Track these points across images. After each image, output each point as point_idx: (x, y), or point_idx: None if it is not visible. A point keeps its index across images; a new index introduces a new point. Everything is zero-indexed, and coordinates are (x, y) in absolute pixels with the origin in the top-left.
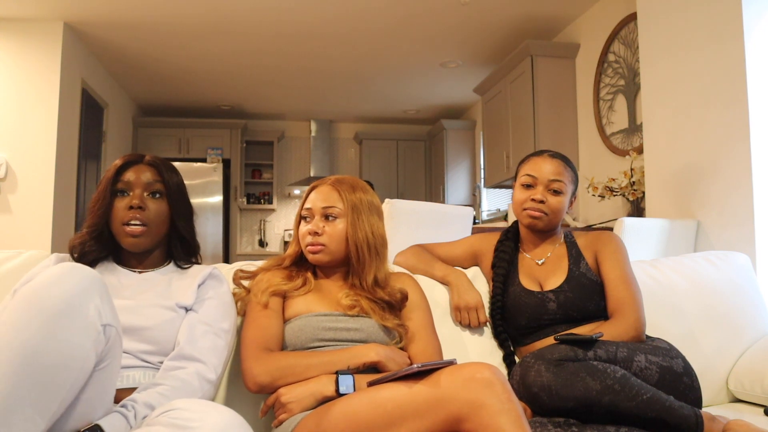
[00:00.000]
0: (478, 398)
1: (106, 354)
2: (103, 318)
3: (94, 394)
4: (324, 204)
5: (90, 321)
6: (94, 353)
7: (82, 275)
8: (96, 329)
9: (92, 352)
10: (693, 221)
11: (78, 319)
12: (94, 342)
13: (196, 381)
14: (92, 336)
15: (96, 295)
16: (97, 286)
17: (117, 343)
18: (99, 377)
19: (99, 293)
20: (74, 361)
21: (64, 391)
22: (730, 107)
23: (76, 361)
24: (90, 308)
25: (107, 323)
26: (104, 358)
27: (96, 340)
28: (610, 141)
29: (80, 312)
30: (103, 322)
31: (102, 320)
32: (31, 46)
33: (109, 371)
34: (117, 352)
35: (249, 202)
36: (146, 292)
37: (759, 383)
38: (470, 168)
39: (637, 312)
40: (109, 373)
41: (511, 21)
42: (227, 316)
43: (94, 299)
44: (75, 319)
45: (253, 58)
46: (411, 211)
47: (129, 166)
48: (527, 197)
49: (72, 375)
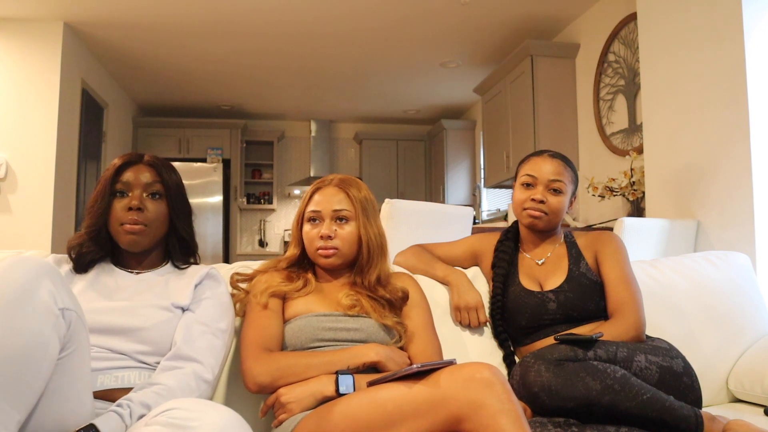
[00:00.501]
0: (477, 398)
1: (69, 339)
2: (58, 302)
3: (66, 383)
4: (335, 206)
5: (45, 306)
6: (56, 338)
7: (30, 263)
8: (53, 313)
9: (54, 337)
10: (693, 221)
11: (32, 305)
12: (54, 327)
13: (192, 381)
14: (50, 320)
15: (47, 279)
16: (47, 272)
17: (80, 329)
18: (67, 364)
19: (50, 278)
20: (36, 348)
21: (33, 379)
22: (730, 107)
23: (38, 348)
24: (42, 293)
25: (65, 307)
26: (68, 344)
27: (55, 325)
28: (610, 141)
29: (33, 298)
30: (60, 306)
31: (58, 304)
32: (31, 46)
33: (77, 358)
34: (82, 338)
35: (249, 202)
36: (143, 293)
37: (759, 383)
38: (470, 168)
39: (637, 312)
40: (78, 359)
41: (511, 21)
42: (225, 316)
43: (46, 284)
44: (29, 305)
45: (253, 58)
46: (411, 211)
47: (128, 167)
48: (527, 197)
49: (37, 362)
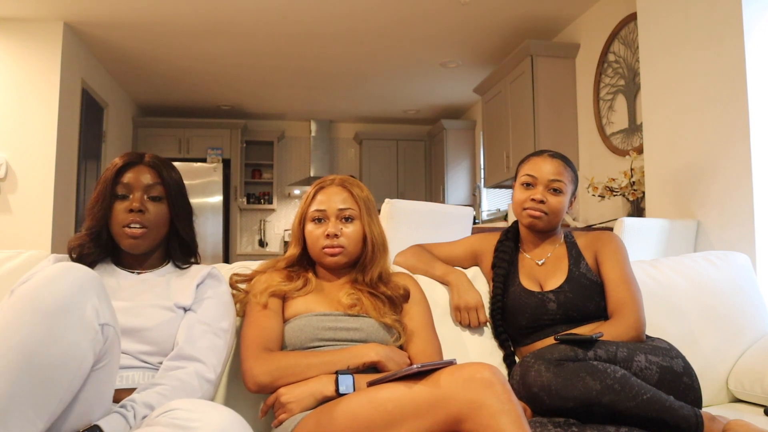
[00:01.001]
0: (478, 398)
1: (104, 354)
2: (100, 317)
3: (92, 394)
4: (340, 205)
5: (87, 320)
6: (92, 353)
7: (79, 274)
8: (94, 328)
9: (90, 351)
10: (693, 221)
11: (75, 318)
12: (92, 341)
13: (195, 381)
14: (90, 335)
15: (93, 294)
16: (94, 285)
17: (115, 343)
18: (97, 377)
19: (96, 292)
20: (72, 360)
21: (62, 390)
22: (730, 107)
23: (74, 360)
24: (87, 307)
25: (105, 323)
26: (102, 358)
27: (94, 340)
28: (610, 141)
29: (77, 311)
30: (101, 322)
31: (100, 320)
32: (31, 46)
33: (107, 371)
34: (115, 352)
35: (249, 202)
36: (145, 293)
37: (759, 383)
38: (470, 168)
39: (637, 312)
40: (107, 373)
41: (511, 21)
42: (226, 316)
43: (92, 298)
44: (72, 318)
45: (253, 58)
46: (411, 211)
47: (128, 168)
48: (527, 197)
49: (70, 374)
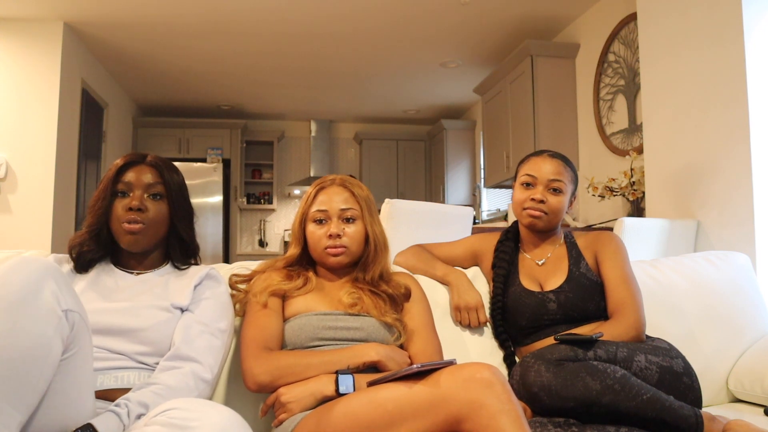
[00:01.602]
0: (477, 398)
1: (72, 341)
2: (62, 303)
3: (69, 384)
4: (342, 206)
5: (48, 307)
6: (59, 340)
7: (34, 265)
8: (56, 315)
9: (56, 338)
10: (693, 221)
11: (36, 306)
12: (56, 328)
13: (191, 380)
14: (53, 322)
15: (51, 281)
16: (51, 273)
17: (83, 330)
18: (70, 365)
19: (54, 279)
20: (39, 349)
21: (35, 380)
22: (730, 107)
23: (40, 349)
24: (46, 294)
25: (68, 308)
26: (71, 346)
27: (58, 326)
28: (610, 141)
29: (37, 300)
30: (63, 308)
31: (61, 306)
32: (31, 46)
33: (80, 359)
34: (85, 340)
35: (249, 202)
36: (143, 294)
37: (759, 383)
38: (470, 168)
39: (637, 312)
40: (81, 361)
41: (511, 21)
42: (224, 316)
43: (50, 285)
44: (32, 306)
45: (253, 58)
46: (411, 211)
47: (130, 167)
48: (527, 197)
49: (39, 363)
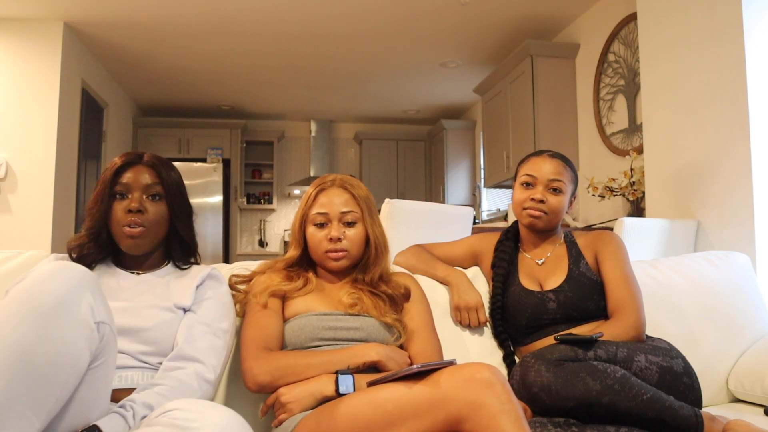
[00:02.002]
0: (477, 398)
1: (100, 352)
2: (96, 315)
3: (89, 393)
4: (343, 208)
5: (83, 318)
6: (88, 351)
7: (74, 273)
8: (89, 327)
9: (86, 350)
10: (693, 221)
11: (70, 316)
12: (88, 340)
13: (194, 381)
14: (85, 333)
15: (88, 292)
16: (89, 284)
17: (111, 342)
18: (93, 376)
19: (91, 291)
20: (68, 358)
21: (59, 389)
22: (730, 107)
23: (69, 358)
24: (82, 305)
25: (100, 321)
26: (98, 357)
27: (89, 338)
28: (610, 141)
29: (72, 309)
30: (96, 320)
31: (95, 318)
32: (31, 46)
33: (103, 370)
34: (111, 351)
35: (249, 202)
36: (144, 294)
37: (759, 383)
38: (470, 168)
39: (637, 312)
40: (104, 371)
41: (511, 21)
42: (226, 316)
43: (87, 296)
44: (67, 316)
45: (253, 58)
46: (411, 211)
47: (127, 168)
48: (527, 197)
49: (66, 373)
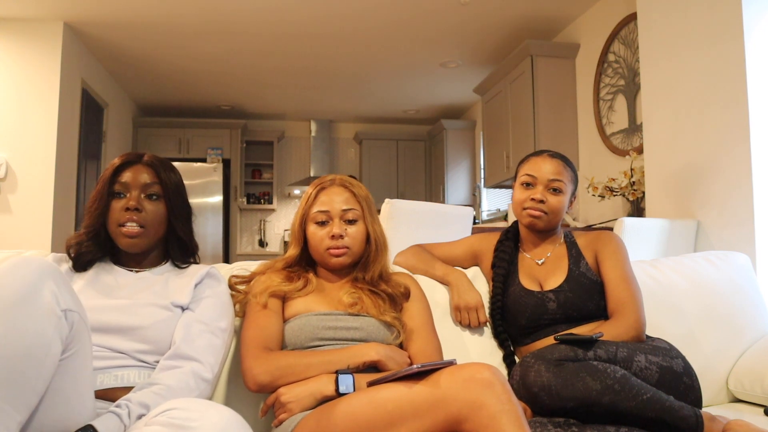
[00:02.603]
0: (478, 399)
1: (71, 341)
2: (61, 303)
3: (68, 384)
4: (344, 206)
5: (48, 307)
6: (58, 339)
7: (34, 265)
8: (55, 314)
9: (56, 338)
10: (693, 221)
11: (35, 306)
12: (56, 328)
13: (192, 380)
14: (53, 322)
15: (50, 281)
16: (51, 273)
17: (82, 330)
18: (70, 365)
19: (54, 280)
20: (38, 349)
21: (34, 380)
22: (730, 107)
23: (40, 348)
24: (45, 294)
25: (67, 308)
26: (70, 345)
27: (57, 326)
28: (610, 141)
29: (36, 299)
30: (63, 308)
31: (60, 305)
32: (31, 46)
33: (80, 359)
34: (85, 339)
35: (249, 202)
36: (143, 292)
37: (759, 383)
38: (470, 168)
39: (637, 312)
40: (81, 360)
41: (511, 21)
42: (224, 315)
43: (49, 285)
44: (32, 306)
45: (253, 58)
46: (411, 211)
47: (126, 167)
48: (527, 197)
49: (38, 363)
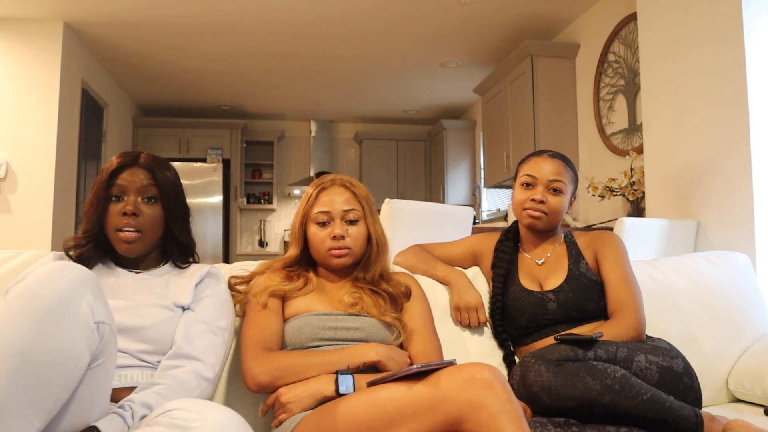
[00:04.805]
0: (477, 399)
1: (100, 352)
2: (95, 315)
3: (89, 393)
4: (345, 207)
5: (82, 318)
6: (87, 351)
7: (73, 273)
8: (89, 327)
9: (86, 349)
10: (693, 221)
11: (70, 316)
12: (87, 339)
13: (193, 380)
14: (85, 333)
15: (88, 292)
16: (89, 284)
17: (111, 341)
18: (93, 375)
19: (91, 291)
20: (68, 358)
21: (59, 389)
22: (730, 107)
23: (69, 359)
24: (82, 305)
25: (100, 321)
26: (98, 356)
27: (89, 338)
28: (610, 141)
29: (72, 309)
30: (96, 320)
31: (95, 318)
32: (31, 46)
33: (103, 370)
34: (111, 351)
35: (249, 202)
36: (143, 292)
37: (759, 383)
38: (470, 168)
39: (637, 312)
40: (104, 371)
41: (511, 21)
42: (225, 315)
43: (86, 296)
44: (67, 316)
45: (253, 58)
46: (411, 211)
47: (123, 169)
48: (527, 197)
49: (66, 373)
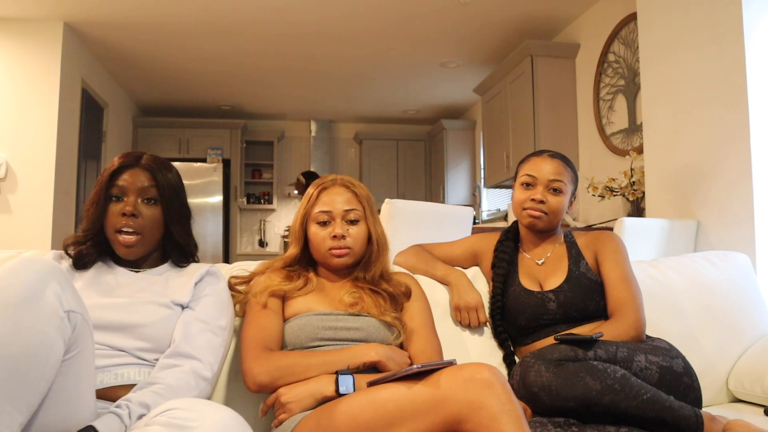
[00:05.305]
0: (477, 399)
1: (74, 342)
2: (64, 304)
3: (70, 384)
4: (345, 207)
5: (51, 308)
6: (61, 340)
7: (38, 264)
8: (58, 316)
9: (58, 339)
10: (693, 221)
11: (38, 306)
12: (59, 329)
13: (191, 379)
14: (55, 323)
15: (54, 281)
16: (54, 274)
17: (85, 331)
18: (71, 366)
19: (57, 280)
20: (41, 349)
21: (36, 381)
22: (730, 107)
23: (42, 349)
24: (49, 295)
25: (70, 309)
26: (73, 346)
27: (60, 327)
28: (610, 141)
29: (39, 300)
30: (66, 309)
31: (64, 306)
32: (31, 46)
33: (82, 360)
34: (87, 340)
35: (249, 202)
36: (143, 290)
37: (759, 383)
38: (470, 168)
39: (637, 312)
40: (83, 361)
41: (511, 21)
42: (224, 314)
43: (52, 286)
44: (35, 307)
45: (253, 58)
46: (411, 211)
47: (124, 170)
48: (527, 197)
49: (40, 364)
